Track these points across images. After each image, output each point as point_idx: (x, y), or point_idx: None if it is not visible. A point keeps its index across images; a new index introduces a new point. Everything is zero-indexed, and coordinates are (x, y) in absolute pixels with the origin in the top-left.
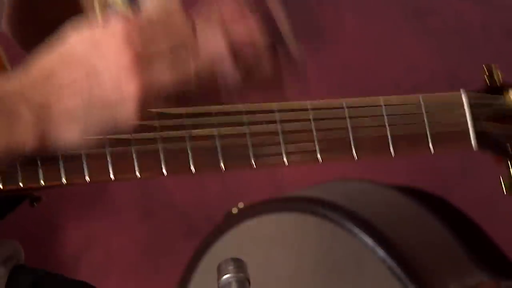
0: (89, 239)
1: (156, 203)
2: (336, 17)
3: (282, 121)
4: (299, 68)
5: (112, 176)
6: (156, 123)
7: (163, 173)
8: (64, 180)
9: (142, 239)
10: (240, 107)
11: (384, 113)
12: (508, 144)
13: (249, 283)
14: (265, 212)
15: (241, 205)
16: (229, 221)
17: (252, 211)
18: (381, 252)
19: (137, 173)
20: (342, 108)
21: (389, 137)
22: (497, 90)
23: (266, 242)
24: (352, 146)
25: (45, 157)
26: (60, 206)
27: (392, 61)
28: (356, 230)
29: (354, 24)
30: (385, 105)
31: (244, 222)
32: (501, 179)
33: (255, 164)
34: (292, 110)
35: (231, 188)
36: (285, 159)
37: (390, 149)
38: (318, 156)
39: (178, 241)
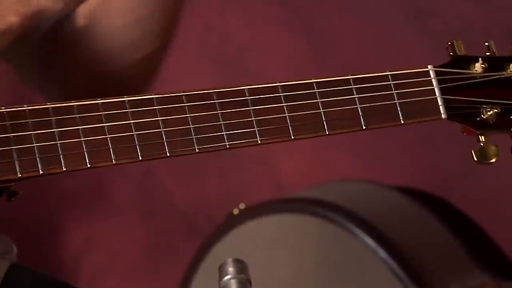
0: (89, 239)
1: (156, 204)
2: (336, 17)
3: (253, 102)
4: None
5: (88, 164)
6: (128, 110)
7: (138, 158)
8: (41, 171)
9: (143, 240)
10: (211, 90)
11: (354, 89)
12: (476, 114)
13: (251, 284)
14: (266, 213)
15: (242, 206)
16: (230, 222)
17: (253, 212)
18: (382, 253)
19: (113, 160)
20: (312, 86)
21: (359, 110)
22: (463, 63)
23: (267, 243)
24: (324, 121)
25: (21, 148)
26: (60, 207)
27: (392, 62)
28: (357, 231)
29: (355, 25)
30: (353, 81)
31: (245, 223)
32: (472, 152)
33: (228, 145)
34: (263, 91)
35: (232, 188)
36: (258, 140)
37: (361, 122)
38: (291, 134)
39: (179, 242)
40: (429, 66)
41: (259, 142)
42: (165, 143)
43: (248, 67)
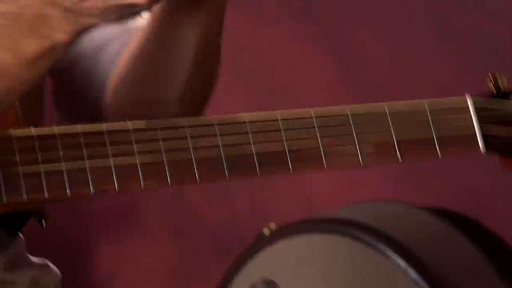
0: (120, 259)
1: (186, 224)
2: (367, 36)
3: (286, 129)
4: None
5: (116, 187)
6: (159, 134)
7: (168, 184)
8: (69, 193)
9: (173, 260)
10: (242, 117)
11: (389, 119)
12: None
13: None
14: (296, 233)
15: (272, 225)
16: (261, 242)
17: (283, 232)
18: (413, 274)
19: (142, 185)
20: (347, 114)
21: (395, 142)
22: (503, 95)
23: (297, 263)
24: (359, 153)
25: (49, 171)
26: (90, 226)
27: (424, 82)
28: (388, 251)
29: (387, 44)
30: (389, 111)
31: (275, 243)
32: None
33: (259, 173)
34: (296, 117)
35: (262, 207)
36: (291, 168)
37: (397, 155)
38: (324, 164)
39: (209, 262)
40: (467, 96)
41: (292, 170)
42: (195, 168)
43: (279, 86)
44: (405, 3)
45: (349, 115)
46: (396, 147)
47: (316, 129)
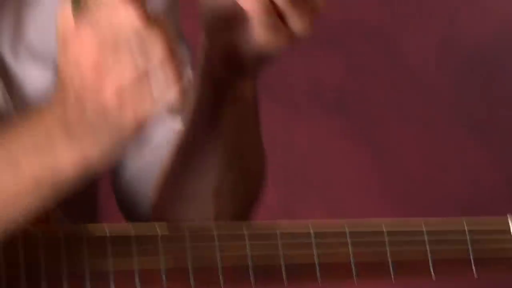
0: None
1: None
2: (400, 130)
3: (317, 239)
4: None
5: None
6: (187, 240)
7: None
8: None
9: None
10: (273, 227)
11: (426, 240)
12: None
13: None
14: None
15: None
16: None
17: None
18: None
19: None
20: (381, 228)
21: (430, 262)
22: None
23: None
24: (391, 272)
25: (71, 273)
26: None
27: (454, 175)
28: None
29: (417, 136)
30: (427, 231)
31: None
32: None
33: (287, 284)
34: (328, 229)
35: None
36: (319, 280)
37: (430, 273)
38: (354, 279)
39: None
40: (508, 216)
41: (319, 282)
42: (221, 277)
43: (312, 180)
44: (435, 99)
45: (385, 233)
46: (431, 267)
47: (349, 245)
